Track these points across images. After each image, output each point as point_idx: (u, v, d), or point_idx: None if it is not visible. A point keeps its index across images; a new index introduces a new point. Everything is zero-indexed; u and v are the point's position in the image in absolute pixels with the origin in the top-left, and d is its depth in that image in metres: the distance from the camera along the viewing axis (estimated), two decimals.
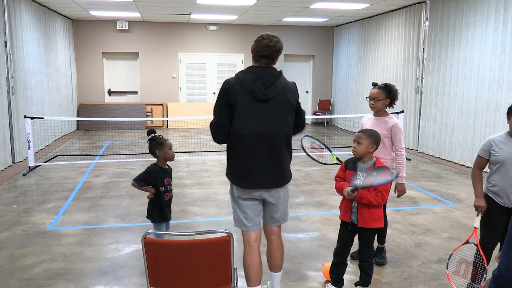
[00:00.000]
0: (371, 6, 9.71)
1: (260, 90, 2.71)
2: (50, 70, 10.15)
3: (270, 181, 2.83)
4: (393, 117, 3.71)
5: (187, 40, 13.04)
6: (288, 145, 2.90)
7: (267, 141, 2.76)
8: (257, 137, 2.75)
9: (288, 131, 2.87)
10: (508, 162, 3.02)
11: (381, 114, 3.71)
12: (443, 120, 8.41)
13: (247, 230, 2.93)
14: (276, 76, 2.79)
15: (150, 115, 12.88)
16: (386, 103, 3.65)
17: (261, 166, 2.78)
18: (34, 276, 3.58)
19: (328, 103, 13.93)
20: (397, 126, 3.62)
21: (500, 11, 6.96)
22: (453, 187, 6.41)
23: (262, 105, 2.73)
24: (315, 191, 6.20)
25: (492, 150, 3.09)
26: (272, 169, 2.81)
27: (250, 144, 2.76)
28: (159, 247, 2.26)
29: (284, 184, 2.92)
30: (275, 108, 2.76)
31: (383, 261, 3.85)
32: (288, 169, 2.93)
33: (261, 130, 2.74)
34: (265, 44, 2.85)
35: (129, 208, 5.31)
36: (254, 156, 2.77)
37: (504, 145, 3.04)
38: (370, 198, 3.00)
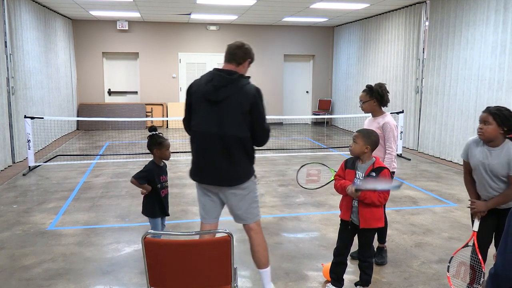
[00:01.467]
0: (371, 6, 9.71)
1: (210, 92, 2.87)
2: (50, 70, 10.15)
3: (218, 179, 2.95)
4: (386, 117, 3.75)
5: (187, 40, 13.04)
6: (242, 147, 2.90)
7: (218, 141, 2.88)
8: (208, 136, 2.90)
9: (241, 133, 2.86)
10: (479, 169, 3.04)
11: (375, 114, 3.79)
12: (443, 120, 8.41)
13: (203, 222, 3.14)
14: (229, 80, 2.86)
15: (150, 115, 12.88)
16: (373, 103, 3.74)
17: (210, 164, 2.93)
18: (34, 276, 3.58)
19: (328, 103, 13.93)
20: (387, 124, 3.66)
21: (500, 11, 6.96)
22: (453, 187, 6.41)
23: (215, 106, 2.87)
24: (315, 191, 6.19)
25: (469, 153, 3.10)
26: (221, 168, 2.91)
27: (202, 142, 2.94)
28: (159, 247, 2.25)
29: (235, 184, 2.95)
30: (226, 109, 2.85)
31: (383, 261, 3.87)
32: (240, 170, 2.94)
33: (213, 130, 2.88)
34: (228, 49, 3.00)
35: (129, 208, 5.31)
36: (205, 153, 2.94)
37: (475, 150, 3.05)
38: (374, 199, 3.01)
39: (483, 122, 2.90)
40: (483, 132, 2.90)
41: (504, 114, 2.86)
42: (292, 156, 8.70)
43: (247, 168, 2.99)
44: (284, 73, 13.99)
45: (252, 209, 3.07)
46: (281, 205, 5.51)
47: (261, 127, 2.93)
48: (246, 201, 3.02)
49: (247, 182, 2.99)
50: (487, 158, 2.96)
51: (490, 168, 2.95)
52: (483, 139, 2.95)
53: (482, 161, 2.99)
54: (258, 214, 3.12)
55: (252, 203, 3.06)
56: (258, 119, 2.90)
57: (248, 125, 2.88)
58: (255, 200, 3.08)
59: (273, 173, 7.22)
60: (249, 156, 2.98)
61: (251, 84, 2.93)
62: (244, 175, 2.97)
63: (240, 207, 3.02)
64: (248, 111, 2.85)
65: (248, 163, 2.99)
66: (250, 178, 3.01)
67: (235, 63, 2.96)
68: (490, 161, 2.94)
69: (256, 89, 2.90)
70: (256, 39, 13.36)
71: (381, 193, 3.02)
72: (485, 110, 2.93)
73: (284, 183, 6.62)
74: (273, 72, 13.67)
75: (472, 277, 3.16)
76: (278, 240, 4.36)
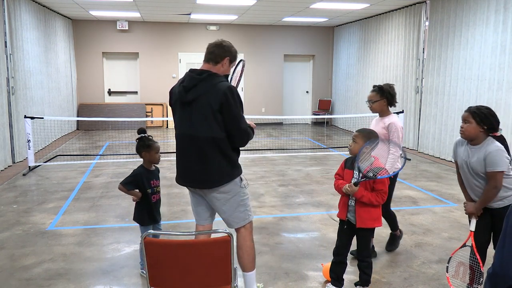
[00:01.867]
0: (371, 6, 9.71)
1: (181, 93, 2.87)
2: (50, 70, 10.15)
3: (195, 181, 2.92)
4: (392, 117, 3.82)
5: (187, 40, 13.04)
6: (216, 148, 2.82)
7: (193, 142, 2.85)
8: (185, 137, 2.89)
9: (212, 133, 2.78)
10: (463, 168, 3.07)
11: (382, 114, 3.86)
12: (443, 120, 8.41)
13: (196, 223, 3.16)
14: (198, 79, 2.81)
15: (150, 115, 12.88)
16: (383, 103, 3.81)
17: (187, 166, 2.92)
18: (34, 276, 3.58)
19: (328, 103, 13.93)
20: (392, 125, 3.73)
21: (500, 11, 6.96)
22: (453, 187, 6.41)
23: (187, 107, 2.85)
24: (315, 191, 6.20)
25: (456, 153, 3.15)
26: (197, 169, 2.87)
27: (181, 143, 2.94)
28: (159, 247, 2.26)
29: (211, 187, 2.87)
30: (197, 110, 2.81)
31: (392, 248, 4.06)
32: (216, 172, 2.84)
33: (187, 131, 2.87)
34: (207, 48, 2.98)
35: (129, 208, 5.31)
36: (183, 154, 2.93)
37: (460, 149, 3.10)
38: (371, 198, 3.01)
39: (464, 121, 2.96)
40: (464, 131, 2.96)
41: (483, 112, 2.91)
42: (292, 156, 8.70)
43: (225, 170, 2.86)
44: (284, 73, 13.99)
45: (238, 213, 2.96)
46: (281, 205, 5.51)
47: (235, 127, 2.80)
48: (230, 205, 2.92)
49: (228, 185, 2.87)
50: (468, 157, 3.00)
51: (471, 166, 2.98)
52: (464, 137, 3.00)
53: (465, 160, 3.03)
54: (246, 218, 3.00)
55: (238, 207, 2.94)
56: (230, 119, 2.78)
57: (221, 125, 2.79)
58: (242, 204, 2.96)
59: (273, 173, 7.22)
60: (226, 157, 2.85)
61: (224, 83, 2.82)
62: (221, 178, 2.85)
63: (224, 211, 2.94)
64: (218, 110, 2.76)
65: (225, 165, 2.85)
66: (230, 180, 2.88)
67: (212, 62, 2.90)
68: (470, 159, 2.98)
69: (227, 87, 2.78)
70: (256, 39, 13.36)
71: (378, 193, 3.02)
72: (466, 110, 2.99)
73: (284, 183, 6.62)
74: (273, 72, 13.67)
75: (472, 277, 3.16)
76: (278, 240, 4.36)
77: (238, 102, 2.82)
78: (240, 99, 2.86)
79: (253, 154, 8.77)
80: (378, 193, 3.02)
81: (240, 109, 2.84)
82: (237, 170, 2.94)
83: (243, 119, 2.84)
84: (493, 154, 2.85)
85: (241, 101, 2.86)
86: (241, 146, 2.92)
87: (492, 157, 2.85)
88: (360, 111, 11.85)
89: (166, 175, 7.01)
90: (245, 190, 2.99)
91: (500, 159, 2.85)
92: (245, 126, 2.86)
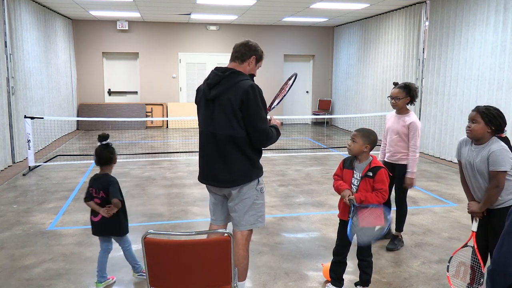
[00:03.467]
0: (371, 6, 9.71)
1: (205, 91, 2.89)
2: (50, 70, 10.15)
3: (214, 179, 2.91)
4: (412, 116, 3.97)
5: (187, 40, 13.04)
6: (236, 147, 2.79)
7: (214, 140, 2.84)
8: (207, 135, 2.89)
9: (232, 132, 2.76)
10: (467, 168, 3.06)
11: (402, 111, 4.00)
12: (443, 120, 8.41)
13: (211, 223, 3.14)
14: (221, 77, 2.82)
15: (150, 115, 12.88)
16: (406, 101, 3.95)
17: (208, 163, 2.92)
18: (34, 276, 3.58)
19: (328, 103, 13.93)
20: (413, 124, 3.89)
21: (500, 11, 6.96)
22: (453, 187, 6.41)
23: (210, 104, 2.86)
24: (315, 191, 6.20)
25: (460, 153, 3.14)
26: (218, 167, 2.86)
27: (203, 141, 2.94)
28: (159, 247, 2.25)
29: (229, 186, 2.85)
30: (218, 107, 2.82)
31: (393, 248, 4.09)
32: (235, 172, 2.82)
33: (209, 128, 2.87)
34: (233, 47, 3.02)
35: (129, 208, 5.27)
36: (205, 152, 2.94)
37: (464, 149, 3.09)
38: (372, 200, 3.01)
39: (472, 121, 2.94)
40: (471, 131, 2.94)
41: (492, 113, 2.90)
42: (292, 156, 8.70)
43: (245, 170, 2.83)
44: (284, 73, 13.98)
45: (248, 217, 2.92)
46: (281, 205, 5.51)
47: (254, 127, 2.76)
48: (243, 205, 2.90)
49: (246, 186, 2.85)
50: (473, 157, 2.98)
51: (476, 167, 2.97)
52: (471, 137, 2.98)
53: (469, 160, 3.02)
54: (254, 223, 2.95)
55: (250, 210, 2.91)
56: (249, 118, 2.75)
57: (241, 123, 2.76)
58: (255, 208, 2.92)
59: (273, 173, 7.22)
60: (245, 157, 2.81)
61: (247, 81, 2.79)
62: (240, 178, 2.83)
63: (236, 210, 2.92)
64: (239, 109, 2.73)
65: (246, 165, 2.83)
66: (249, 182, 2.86)
67: (238, 60, 2.92)
68: (475, 159, 2.97)
69: (250, 86, 2.74)
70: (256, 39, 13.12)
71: (378, 192, 3.01)
72: (474, 109, 2.96)
73: (284, 183, 6.62)
74: (273, 72, 13.67)
75: (472, 277, 3.16)
76: (278, 240, 4.36)
77: (260, 101, 2.79)
78: (263, 99, 2.82)
79: None
80: (378, 192, 3.02)
81: (262, 109, 2.79)
82: (257, 171, 2.91)
83: (262, 119, 2.79)
84: (496, 153, 2.84)
85: (264, 101, 2.82)
86: (261, 147, 2.88)
87: (495, 156, 2.84)
88: (360, 111, 11.85)
89: (167, 175, 7.02)
90: (260, 195, 2.94)
91: (503, 158, 2.83)
92: (265, 126, 2.80)
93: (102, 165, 3.31)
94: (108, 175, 3.33)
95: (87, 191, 3.33)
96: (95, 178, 3.32)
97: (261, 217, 2.98)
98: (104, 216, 3.24)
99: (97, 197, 3.27)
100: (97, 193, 3.26)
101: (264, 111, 2.82)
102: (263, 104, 2.80)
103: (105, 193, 3.24)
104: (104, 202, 3.25)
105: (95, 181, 3.29)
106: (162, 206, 5.44)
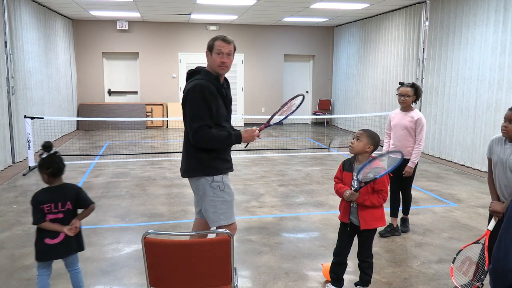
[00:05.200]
0: (371, 6, 9.71)
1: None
2: (50, 70, 10.15)
3: (181, 169, 3.14)
4: (418, 112, 4.36)
5: (187, 40, 13.04)
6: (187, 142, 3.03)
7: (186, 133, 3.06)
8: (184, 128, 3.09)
9: (185, 129, 3.01)
10: (497, 166, 3.06)
11: (407, 109, 4.39)
12: (443, 120, 8.41)
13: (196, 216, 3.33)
14: (188, 76, 3.03)
15: (150, 115, 12.88)
16: (413, 99, 4.36)
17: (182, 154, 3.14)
18: (34, 276, 3.57)
19: (328, 103, 13.93)
20: (421, 120, 4.29)
21: (500, 11, 6.96)
22: (453, 187, 6.41)
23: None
24: (315, 191, 6.20)
25: (492, 151, 3.12)
26: (183, 157, 3.10)
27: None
28: (159, 247, 2.25)
29: (184, 175, 3.07)
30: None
31: (406, 230, 4.56)
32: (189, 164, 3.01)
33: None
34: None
35: (129, 208, 5.31)
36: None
37: (497, 147, 3.08)
38: (373, 200, 3.01)
39: (508, 121, 2.92)
40: (508, 130, 2.93)
41: None
42: (292, 156, 8.70)
43: (192, 165, 2.99)
44: (284, 73, 13.99)
45: (209, 214, 3.00)
46: (281, 205, 5.51)
47: (188, 124, 2.94)
48: (203, 202, 3.04)
49: (198, 181, 2.99)
50: (506, 154, 2.98)
51: (508, 164, 2.96)
52: (507, 136, 2.98)
53: (501, 157, 3.01)
54: (216, 221, 2.98)
55: (209, 207, 2.98)
56: (187, 115, 2.93)
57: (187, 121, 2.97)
58: (214, 205, 2.97)
59: (273, 173, 7.22)
60: (192, 153, 2.98)
61: (195, 81, 2.92)
62: (189, 171, 3.02)
63: (203, 205, 3.06)
64: (182, 106, 2.97)
65: (193, 161, 2.98)
66: (196, 176, 2.98)
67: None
68: (508, 156, 2.96)
69: (193, 85, 2.89)
70: (256, 39, 13.36)
71: (379, 194, 3.01)
72: (510, 108, 2.95)
73: (284, 183, 6.62)
74: (273, 72, 13.67)
75: (474, 273, 3.17)
76: (278, 240, 4.36)
77: (200, 100, 2.83)
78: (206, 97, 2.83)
79: (253, 154, 8.77)
80: (379, 193, 3.01)
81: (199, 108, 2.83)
82: (205, 169, 2.96)
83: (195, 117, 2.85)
84: None
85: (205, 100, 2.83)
86: (196, 145, 2.93)
87: None
88: (360, 111, 11.85)
89: (167, 175, 7.02)
90: (218, 192, 2.96)
91: None
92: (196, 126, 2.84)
93: (56, 177, 2.87)
94: (68, 183, 2.95)
95: (37, 211, 2.78)
96: (50, 192, 2.83)
97: (223, 215, 2.99)
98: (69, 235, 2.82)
99: (60, 212, 2.82)
100: (59, 207, 2.81)
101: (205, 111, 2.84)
102: (204, 103, 2.83)
103: (73, 203, 2.88)
104: (68, 215, 2.85)
105: (54, 194, 2.82)
106: (162, 206, 5.44)
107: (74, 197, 2.90)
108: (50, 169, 2.83)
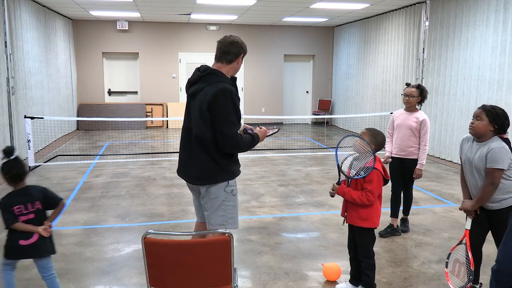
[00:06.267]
0: (371, 6, 9.71)
1: (186, 87, 3.01)
2: (50, 70, 10.15)
3: (186, 175, 3.00)
4: (422, 114, 4.38)
5: (187, 40, 13.04)
6: (203, 147, 2.82)
7: (190, 135, 2.89)
8: (185, 129, 2.96)
9: (201, 132, 2.79)
10: (466, 165, 3.09)
11: (412, 110, 4.40)
12: (443, 120, 8.41)
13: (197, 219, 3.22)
14: (199, 76, 2.87)
15: (150, 115, 12.88)
16: (418, 100, 4.37)
17: (183, 157, 3.00)
18: (34, 276, 3.57)
19: (328, 103, 13.93)
20: (426, 121, 4.33)
21: (500, 11, 6.96)
22: (453, 187, 6.41)
23: (191, 101, 2.93)
24: (315, 191, 6.20)
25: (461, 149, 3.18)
26: (189, 163, 2.94)
27: (182, 135, 3.01)
28: (159, 247, 2.25)
29: (198, 183, 2.90)
30: (193, 106, 2.89)
31: (406, 230, 4.56)
32: (201, 171, 2.85)
33: (187, 124, 2.96)
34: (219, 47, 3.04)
35: (129, 208, 5.31)
36: (182, 146, 3.01)
37: (465, 146, 3.12)
38: (353, 195, 2.99)
39: (476, 118, 2.97)
40: (474, 127, 2.97)
41: (497, 112, 2.93)
42: (292, 156, 8.70)
43: (210, 171, 2.83)
44: (284, 73, 13.99)
45: (217, 216, 2.91)
46: (281, 205, 5.51)
47: (220, 130, 2.75)
48: (211, 205, 2.90)
49: (214, 186, 2.85)
50: (472, 153, 3.01)
51: (474, 163, 3.00)
52: (473, 133, 3.01)
53: (469, 156, 3.05)
54: (223, 224, 2.90)
55: (218, 210, 2.90)
56: (216, 121, 2.75)
57: (208, 125, 2.77)
58: (224, 209, 2.89)
59: (273, 173, 7.22)
60: (211, 158, 2.81)
61: (220, 84, 2.77)
62: (205, 177, 2.85)
63: (206, 208, 2.95)
64: (207, 110, 2.74)
65: (211, 166, 2.82)
66: (214, 183, 2.85)
67: (225, 61, 2.95)
68: (474, 156, 3.00)
69: (221, 89, 2.74)
70: (256, 39, 13.36)
71: (363, 192, 2.98)
72: (480, 107, 3.00)
73: (284, 183, 6.62)
74: (273, 72, 13.67)
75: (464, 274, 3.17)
76: (278, 240, 4.36)
77: (231, 106, 2.75)
78: (235, 103, 2.78)
79: (253, 154, 8.77)
80: (364, 192, 2.98)
81: (231, 113, 2.76)
82: (224, 174, 2.86)
83: (229, 123, 2.75)
84: (495, 151, 2.86)
85: (235, 105, 2.78)
86: (227, 151, 2.83)
87: (494, 153, 2.87)
88: (360, 111, 11.85)
89: (167, 175, 7.02)
90: (230, 197, 2.91)
91: (501, 156, 2.86)
92: (231, 132, 2.76)
93: (17, 182, 2.84)
94: (32, 185, 2.92)
95: (7, 214, 2.77)
96: (17, 194, 2.83)
97: (231, 219, 2.94)
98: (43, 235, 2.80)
99: (31, 212, 2.80)
100: (29, 208, 2.80)
101: (235, 116, 2.79)
102: (234, 109, 2.77)
103: (42, 203, 2.85)
104: (40, 216, 2.84)
105: (20, 197, 2.81)
106: (162, 206, 5.44)
107: (42, 196, 2.87)
108: (8, 175, 2.81)
